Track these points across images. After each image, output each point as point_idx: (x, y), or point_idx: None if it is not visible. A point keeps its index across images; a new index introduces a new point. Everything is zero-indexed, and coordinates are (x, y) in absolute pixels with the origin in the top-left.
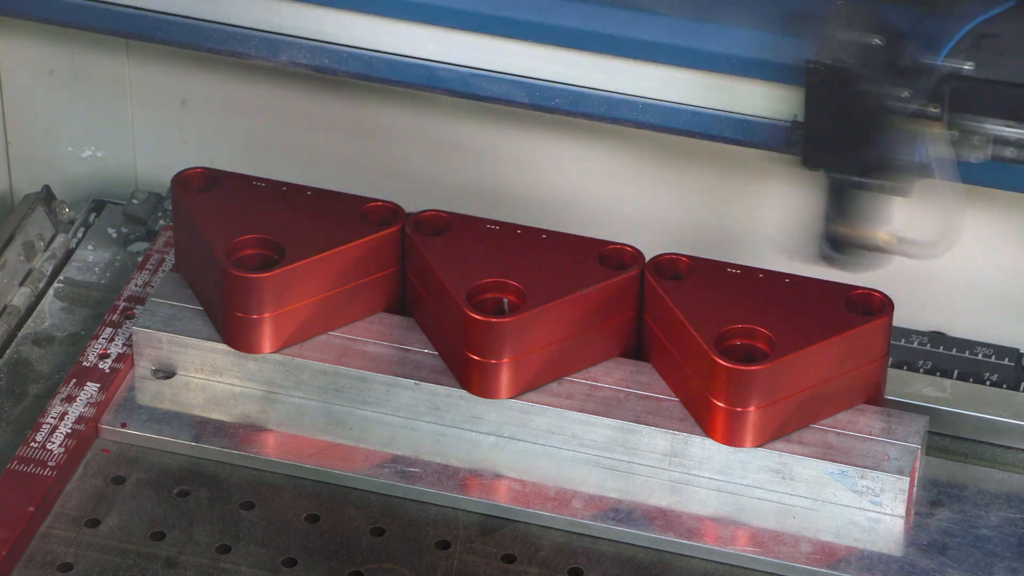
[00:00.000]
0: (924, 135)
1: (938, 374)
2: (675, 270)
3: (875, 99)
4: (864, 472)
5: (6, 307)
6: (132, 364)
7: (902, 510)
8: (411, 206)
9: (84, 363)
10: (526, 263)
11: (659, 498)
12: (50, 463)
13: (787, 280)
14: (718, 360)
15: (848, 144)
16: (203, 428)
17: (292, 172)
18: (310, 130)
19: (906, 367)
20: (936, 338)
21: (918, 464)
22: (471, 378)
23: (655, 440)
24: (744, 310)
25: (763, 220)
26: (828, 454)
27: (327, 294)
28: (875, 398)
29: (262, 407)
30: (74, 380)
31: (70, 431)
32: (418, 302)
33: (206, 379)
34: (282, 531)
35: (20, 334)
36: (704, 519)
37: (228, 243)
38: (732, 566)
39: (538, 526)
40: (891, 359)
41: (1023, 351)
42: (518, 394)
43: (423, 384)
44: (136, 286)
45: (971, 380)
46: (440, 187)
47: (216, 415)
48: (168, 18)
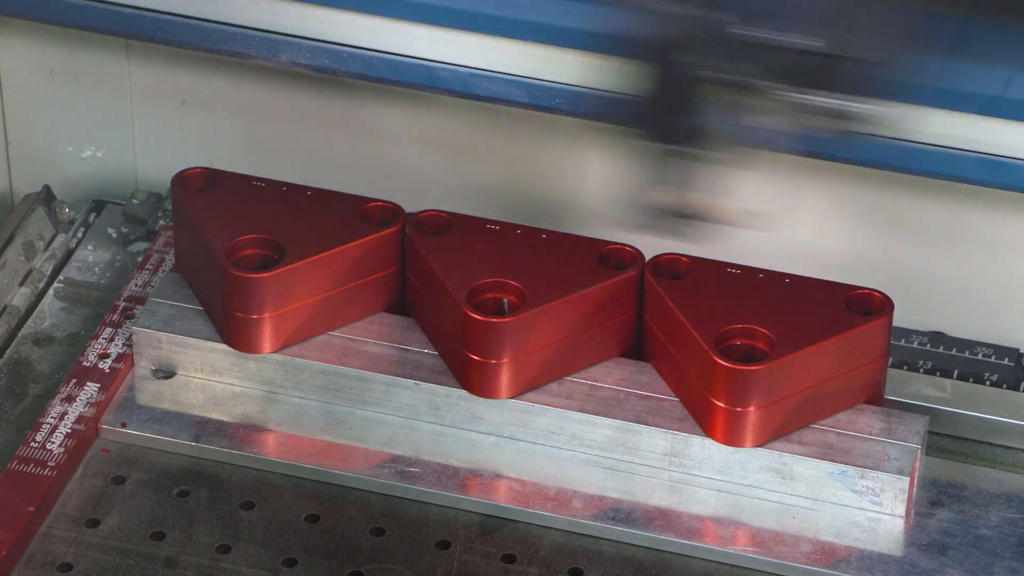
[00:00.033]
0: (741, 105)
1: (938, 374)
2: (675, 270)
3: (690, 68)
4: (864, 472)
5: (6, 307)
6: (132, 364)
7: (902, 510)
8: (411, 206)
9: (84, 363)
10: (526, 263)
11: (659, 498)
12: (50, 463)
13: (787, 280)
14: (718, 360)
15: (665, 113)
16: (203, 428)
17: (292, 172)
18: (310, 130)
19: (906, 367)
20: (936, 338)
21: (918, 464)
22: (471, 378)
23: (655, 440)
24: (744, 310)
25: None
26: (828, 454)
27: (327, 294)
28: (875, 398)
29: (262, 407)
30: (74, 380)
31: (70, 431)
32: (418, 302)
33: (206, 379)
34: (282, 531)
35: (20, 334)
36: (704, 519)
37: (228, 243)
38: (732, 566)
39: (538, 526)
40: (891, 359)
41: (1023, 351)
42: (518, 394)
43: (423, 384)
44: (136, 286)
45: (971, 380)
46: (440, 187)
47: (216, 415)
48: (168, 18)
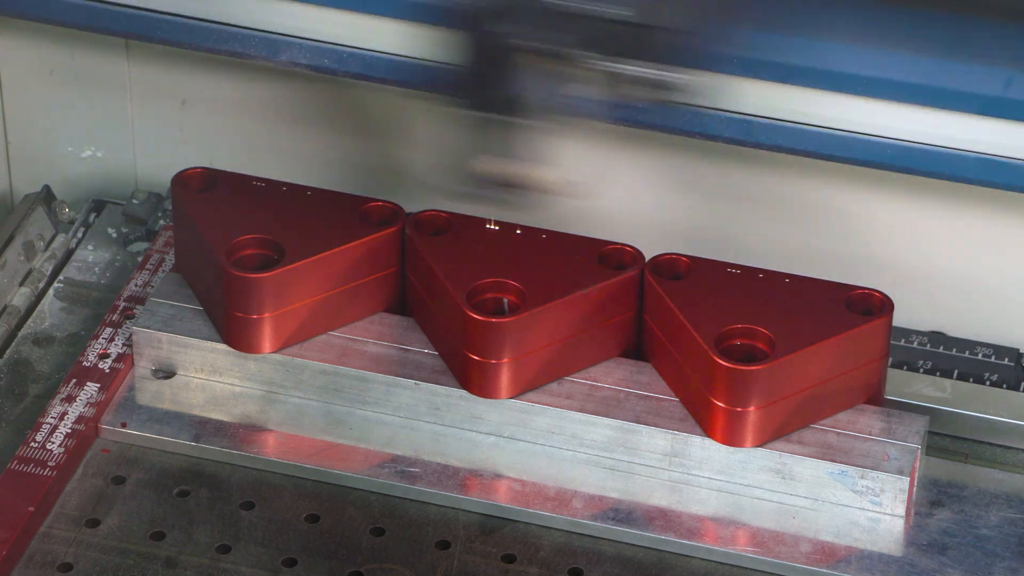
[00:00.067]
0: (556, 74)
1: (938, 374)
2: (675, 270)
3: (504, 38)
4: (864, 472)
5: (6, 307)
6: (132, 364)
7: (902, 510)
8: (411, 206)
9: (84, 363)
10: (526, 263)
11: (659, 498)
12: (50, 463)
13: (787, 280)
14: (718, 360)
15: (482, 82)
16: (203, 428)
17: (292, 172)
18: (310, 130)
19: (906, 367)
20: (936, 338)
21: (918, 464)
22: (471, 378)
23: (655, 440)
24: (744, 310)
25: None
26: (828, 454)
27: (327, 294)
28: (875, 398)
29: (262, 407)
30: (74, 380)
31: (70, 431)
32: (418, 302)
33: (206, 379)
34: (282, 531)
35: (20, 334)
36: (704, 519)
37: (228, 243)
38: (732, 566)
39: (538, 526)
40: (891, 359)
41: (1023, 351)
42: (518, 394)
43: (423, 384)
44: (136, 286)
45: (971, 380)
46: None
47: (216, 415)
48: (168, 18)
